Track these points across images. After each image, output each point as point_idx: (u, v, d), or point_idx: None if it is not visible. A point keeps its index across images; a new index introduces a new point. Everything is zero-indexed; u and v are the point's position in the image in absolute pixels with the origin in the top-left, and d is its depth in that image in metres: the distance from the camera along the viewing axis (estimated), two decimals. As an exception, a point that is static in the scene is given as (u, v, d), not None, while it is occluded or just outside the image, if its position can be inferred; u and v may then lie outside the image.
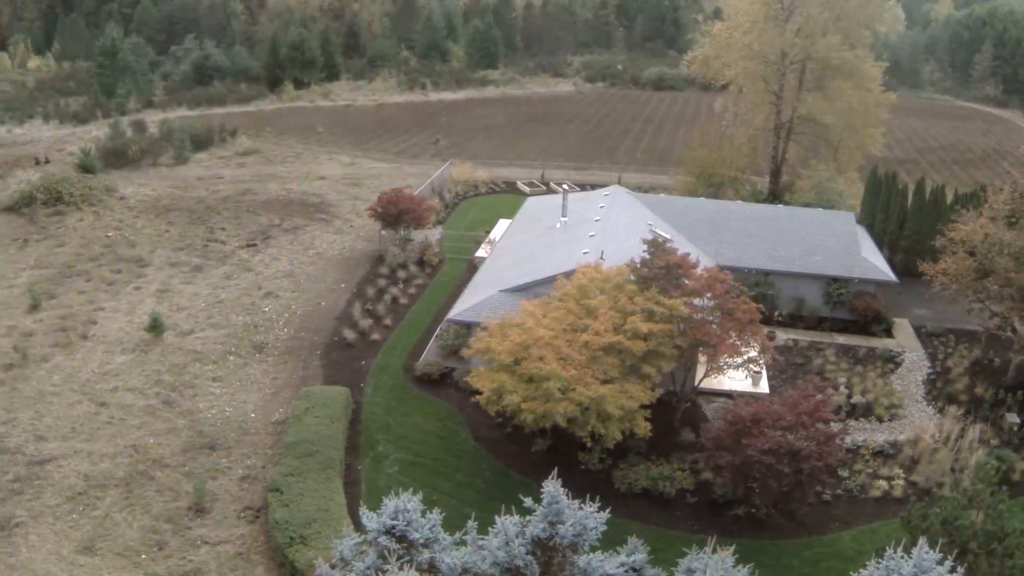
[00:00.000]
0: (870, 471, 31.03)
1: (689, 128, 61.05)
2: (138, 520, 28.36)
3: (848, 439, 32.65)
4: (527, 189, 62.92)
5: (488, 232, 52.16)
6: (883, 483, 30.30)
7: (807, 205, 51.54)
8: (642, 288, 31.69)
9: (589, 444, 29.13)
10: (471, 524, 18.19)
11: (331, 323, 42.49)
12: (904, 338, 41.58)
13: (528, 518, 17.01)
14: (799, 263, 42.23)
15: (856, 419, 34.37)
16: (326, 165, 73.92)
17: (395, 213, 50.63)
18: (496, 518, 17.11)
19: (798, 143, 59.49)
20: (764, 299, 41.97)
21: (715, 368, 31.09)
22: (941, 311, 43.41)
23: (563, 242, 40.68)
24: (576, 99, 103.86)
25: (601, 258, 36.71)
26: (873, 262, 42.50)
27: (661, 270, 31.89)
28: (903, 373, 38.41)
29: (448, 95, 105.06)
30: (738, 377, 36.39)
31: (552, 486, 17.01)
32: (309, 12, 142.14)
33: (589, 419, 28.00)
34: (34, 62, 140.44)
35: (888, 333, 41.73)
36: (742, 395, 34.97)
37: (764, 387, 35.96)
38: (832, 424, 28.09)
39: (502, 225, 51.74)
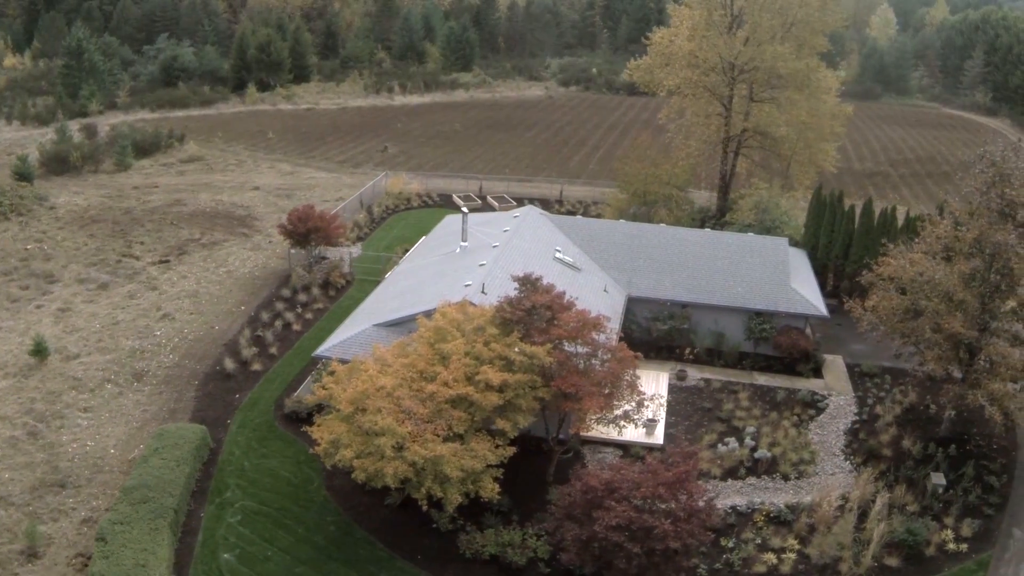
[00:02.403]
0: (760, 541, 27.43)
1: (655, 137, 57.33)
2: (-35, 563, 25.71)
3: (744, 501, 29.18)
4: (462, 203, 59.46)
5: (406, 251, 48.84)
6: (771, 556, 26.69)
7: (748, 226, 47.85)
8: (505, 332, 28.26)
9: (425, 508, 25.75)
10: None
11: (218, 350, 40.13)
12: (834, 379, 37.88)
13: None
14: (719, 294, 38.58)
15: (758, 476, 30.77)
16: (265, 174, 70.83)
17: (303, 231, 47.80)
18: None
19: (748, 158, 55.76)
20: (678, 334, 38.50)
21: (581, 424, 27.59)
22: (882, 347, 39.64)
23: (454, 271, 37.20)
24: (544, 104, 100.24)
25: (483, 291, 33.31)
26: (803, 294, 38.77)
27: (526, 312, 28.41)
28: (825, 421, 34.72)
29: (415, 99, 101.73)
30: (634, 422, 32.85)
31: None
32: (289, 11, 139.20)
33: (424, 481, 24.97)
34: (10, 60, 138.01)
35: (817, 373, 38.03)
36: (633, 445, 31.80)
37: (659, 437, 32.42)
38: (702, 497, 24.50)
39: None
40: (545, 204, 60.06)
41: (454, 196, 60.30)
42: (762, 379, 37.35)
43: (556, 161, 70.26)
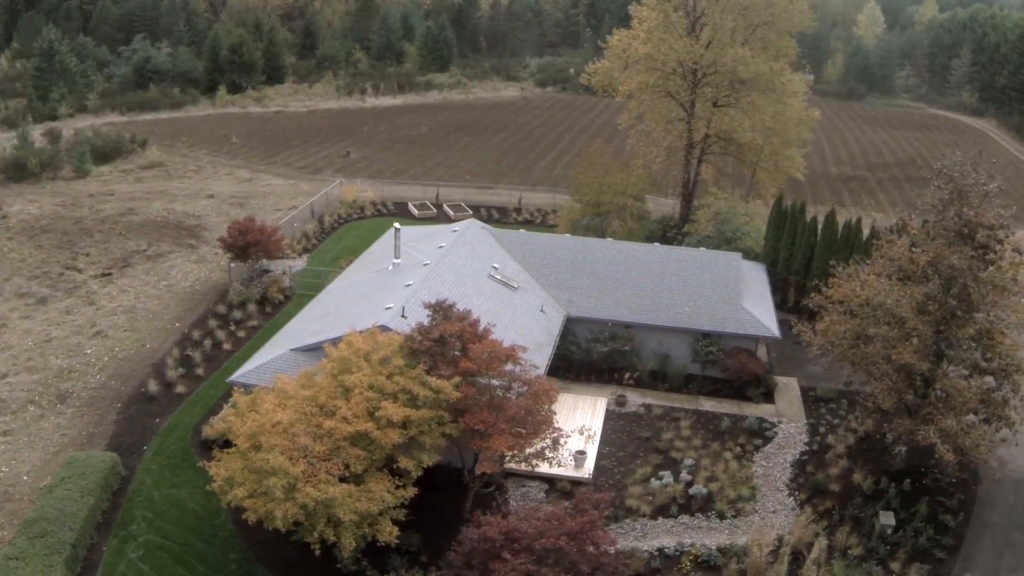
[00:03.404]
0: (686, 590, 25.40)
1: (625, 140, 55.15)
2: None
3: (673, 542, 27.08)
4: (417, 212, 57.32)
5: (350, 264, 46.74)
6: (696, 610, 24.66)
7: (707, 238, 45.70)
8: (412, 363, 26.20)
9: (318, 552, 23.73)
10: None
11: (145, 370, 38.55)
12: (786, 404, 35.71)
13: None
14: (664, 314, 36.42)
15: (691, 514, 28.65)
16: (222, 181, 68.71)
17: (243, 244, 45.98)
18: None
19: (713, 164, 53.60)
20: (620, 356, 36.38)
21: (491, 463, 25.49)
22: (840, 369, 37.60)
23: (380, 291, 35.09)
24: (518, 106, 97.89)
25: (402, 315, 31.19)
26: (754, 313, 36.59)
27: (434, 342, 26.32)
28: (771, 451, 32.55)
29: (388, 100, 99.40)
30: (560, 454, 30.73)
31: None
32: (269, 10, 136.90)
33: (316, 524, 23.29)
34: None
35: (768, 397, 35.86)
36: (560, 479, 29.75)
37: (588, 470, 30.30)
38: (610, 546, 22.41)
39: (367, 257, 46.33)
40: (503, 212, 57.96)
41: (410, 205, 58.15)
42: (708, 404, 35.20)
43: (521, 166, 68.07)
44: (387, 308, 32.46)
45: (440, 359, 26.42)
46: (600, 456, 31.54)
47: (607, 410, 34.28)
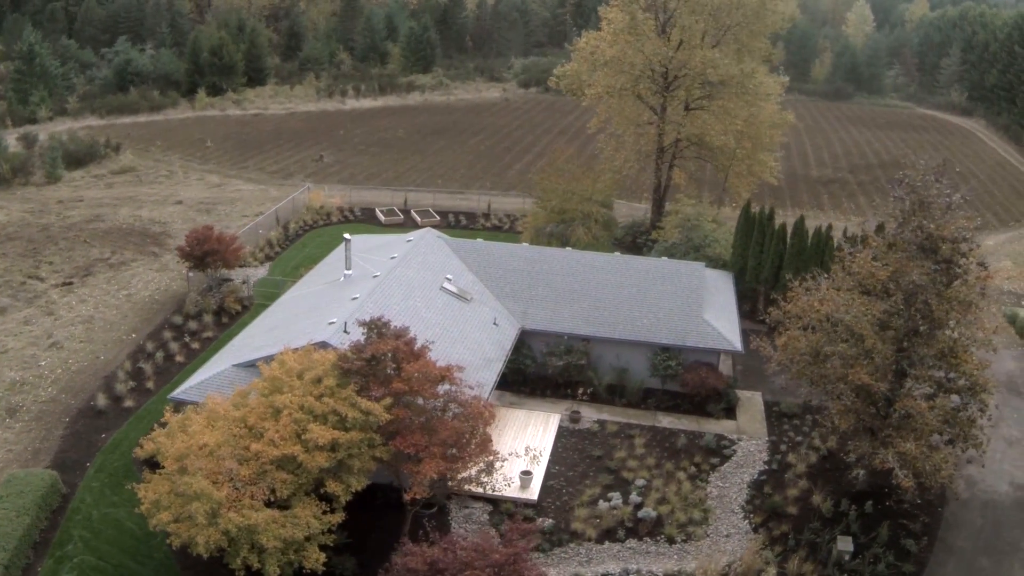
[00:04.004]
0: (628, 622, 24.25)
1: (607, 141, 54.03)
2: None
3: (618, 568, 25.95)
4: (384, 218, 56.13)
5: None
6: (636, 644, 23.50)
7: (675, 245, 44.50)
8: (344, 383, 25.09)
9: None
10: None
11: (97, 383, 37.78)
12: (748, 420, 34.53)
13: None
14: (622, 327, 35.21)
15: (639, 539, 27.49)
16: (192, 187, 67.49)
17: (200, 254, 44.95)
18: None
19: (684, 169, 52.39)
20: (576, 370, 35.20)
21: (421, 488, 24.39)
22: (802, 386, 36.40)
23: (327, 304, 33.94)
24: (499, 107, 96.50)
25: (345, 331, 30.04)
26: (716, 326, 35.37)
27: (366, 362, 25.20)
28: (728, 471, 31.37)
29: (368, 102, 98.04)
30: (506, 475, 29.66)
31: None
32: (254, 11, 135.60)
33: (240, 550, 22.58)
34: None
35: (729, 413, 34.67)
36: (505, 501, 28.64)
37: (534, 491, 29.15)
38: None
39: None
40: (471, 218, 56.77)
41: (377, 211, 56.92)
42: (666, 421, 34.00)
43: (495, 170, 66.82)
44: (330, 323, 31.35)
45: (372, 379, 25.37)
46: (549, 476, 30.38)
47: (560, 427, 33.12)
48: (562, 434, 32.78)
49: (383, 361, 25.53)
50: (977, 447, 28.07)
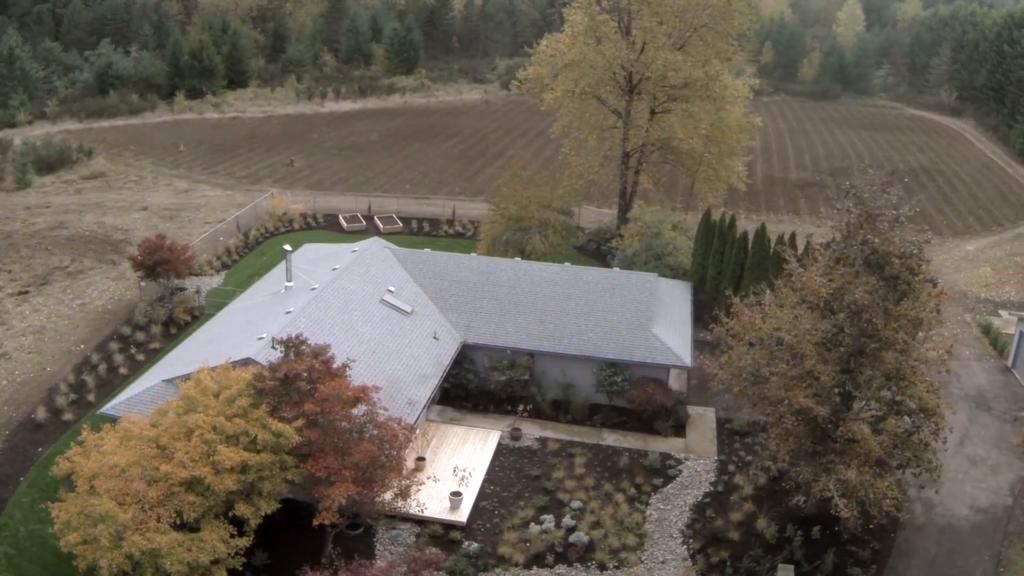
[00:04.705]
0: (547, 658, 23.11)
1: (570, 146, 52.98)
2: None
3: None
4: (346, 224, 55.02)
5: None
6: None
7: (635, 255, 43.29)
8: (257, 403, 24.22)
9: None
10: None
11: (41, 395, 37.02)
12: (697, 438, 33.31)
13: None
14: (567, 342, 34.03)
15: (569, 564, 26.34)
16: (160, 192, 66.44)
17: (151, 263, 44.06)
18: None
19: (650, 174, 51.17)
20: (520, 385, 34.03)
21: (327, 513, 23.43)
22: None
23: (263, 317, 32.86)
24: (479, 110, 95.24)
25: (273, 346, 28.88)
26: (664, 341, 34.13)
27: (280, 382, 24.21)
28: (671, 492, 30.15)
29: (347, 105, 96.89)
30: (437, 494, 28.64)
31: None
32: (240, 13, 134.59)
33: (144, 574, 22.19)
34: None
35: (679, 430, 33.44)
36: (432, 522, 27.61)
37: (464, 513, 28.06)
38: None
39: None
40: (434, 224, 55.60)
41: (340, 217, 55.84)
42: (611, 438, 32.81)
43: (466, 175, 65.63)
44: (259, 339, 30.29)
45: (285, 400, 24.51)
46: (483, 496, 29.26)
47: (500, 444, 31.99)
48: (501, 452, 31.64)
49: (297, 381, 24.58)
50: (931, 471, 26.73)
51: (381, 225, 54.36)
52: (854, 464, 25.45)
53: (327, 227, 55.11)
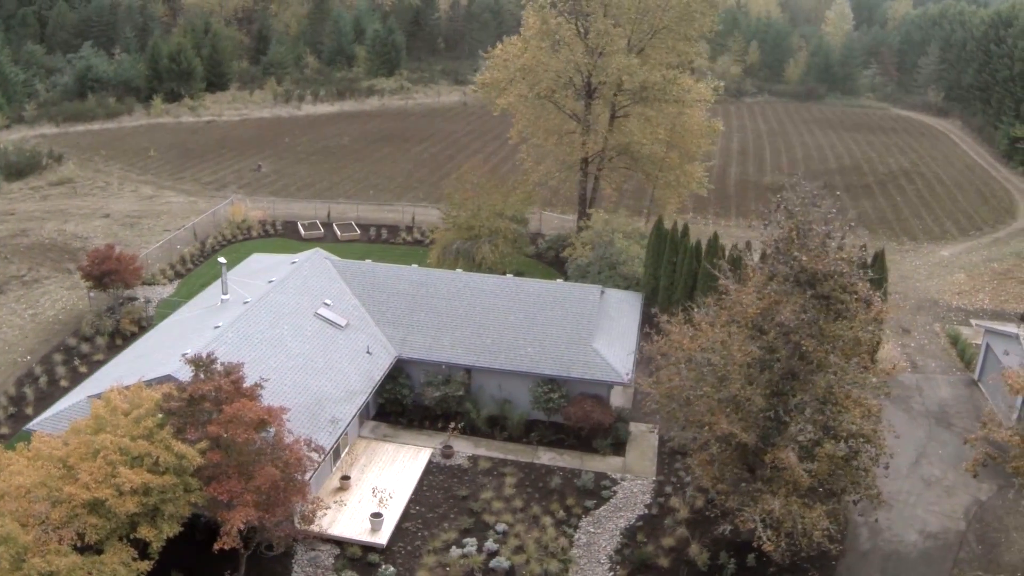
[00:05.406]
0: None
1: (528, 152, 52.08)
2: None
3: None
4: (304, 231, 54.14)
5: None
6: None
7: (588, 265, 42.34)
8: (161, 424, 23.93)
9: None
10: None
11: None
12: (637, 457, 32.30)
13: None
14: (504, 357, 33.08)
15: (488, 594, 25.47)
16: (124, 199, 65.60)
17: (98, 273, 43.35)
18: None
19: (610, 180, 50.19)
20: (455, 401, 33.13)
21: (227, 538, 22.69)
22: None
23: (193, 331, 32.02)
24: (455, 112, 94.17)
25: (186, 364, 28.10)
26: (604, 356, 33.12)
27: (185, 402, 23.60)
28: (604, 515, 29.16)
29: (324, 108, 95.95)
30: (359, 515, 27.82)
31: None
32: (225, 14, 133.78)
33: None
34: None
35: (618, 449, 32.42)
36: (352, 544, 26.85)
37: (384, 535, 27.21)
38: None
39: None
40: (393, 231, 54.63)
41: (299, 224, 54.95)
42: (546, 457, 31.86)
43: (432, 180, 64.68)
44: (183, 355, 29.41)
45: (190, 421, 23.87)
46: (407, 516, 28.41)
47: (431, 462, 31.11)
48: (431, 470, 30.75)
49: (202, 402, 23.89)
50: (871, 498, 25.67)
51: (339, 232, 53.47)
52: (781, 493, 24.27)
53: (286, 235, 54.22)
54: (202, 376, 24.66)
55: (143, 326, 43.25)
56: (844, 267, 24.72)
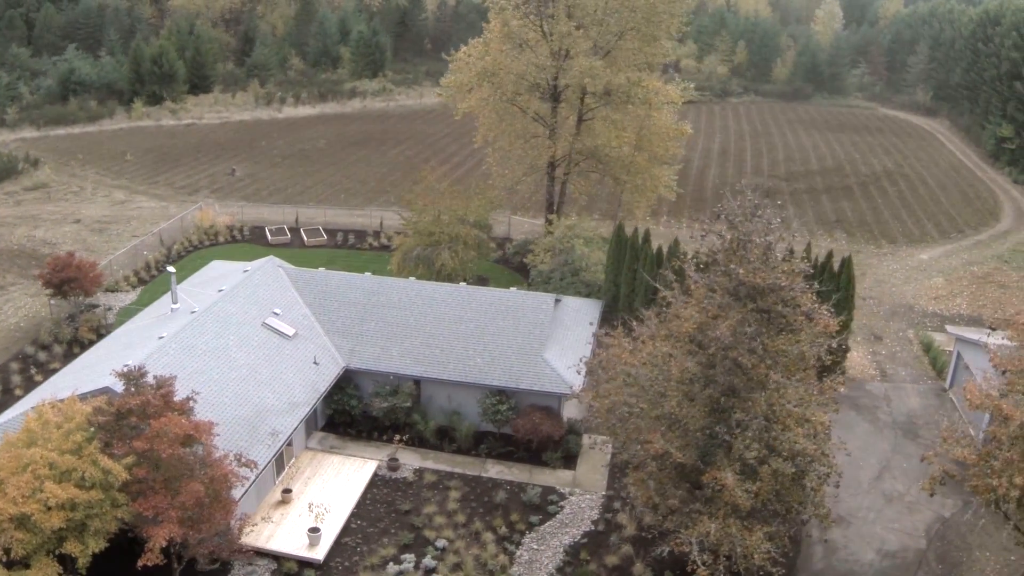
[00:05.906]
0: None
1: (493, 156, 51.49)
2: None
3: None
4: (271, 237, 53.61)
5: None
6: None
7: (551, 272, 41.74)
8: (90, 438, 23.71)
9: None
10: None
11: None
12: (588, 470, 31.66)
13: None
14: (453, 367, 32.53)
15: (420, 613, 24.93)
16: (97, 204, 65.09)
17: (58, 281, 42.90)
18: None
19: (579, 185, 49.57)
20: (403, 412, 32.57)
21: (150, 555, 22.34)
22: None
23: (140, 341, 31.53)
24: (435, 114, 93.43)
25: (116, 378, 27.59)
26: (555, 367, 32.51)
27: (113, 416, 23.25)
28: (549, 531, 28.54)
29: (305, 110, 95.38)
30: (298, 530, 27.32)
31: None
32: (212, 16, 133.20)
33: None
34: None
35: (569, 462, 31.80)
36: (288, 559, 26.38)
37: (322, 550, 26.71)
38: None
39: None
40: (360, 236, 54.11)
41: (267, 229, 54.40)
42: (494, 470, 31.28)
43: (405, 184, 63.87)
44: (125, 366, 28.93)
45: (117, 435, 23.69)
46: (347, 531, 27.88)
47: (376, 475, 30.56)
48: (375, 483, 30.20)
49: (129, 416, 23.48)
50: (821, 518, 24.86)
51: (306, 238, 52.95)
52: (720, 515, 23.43)
53: (253, 240, 53.69)
54: (132, 390, 24.25)
55: (102, 334, 42.73)
56: (784, 280, 24.01)
